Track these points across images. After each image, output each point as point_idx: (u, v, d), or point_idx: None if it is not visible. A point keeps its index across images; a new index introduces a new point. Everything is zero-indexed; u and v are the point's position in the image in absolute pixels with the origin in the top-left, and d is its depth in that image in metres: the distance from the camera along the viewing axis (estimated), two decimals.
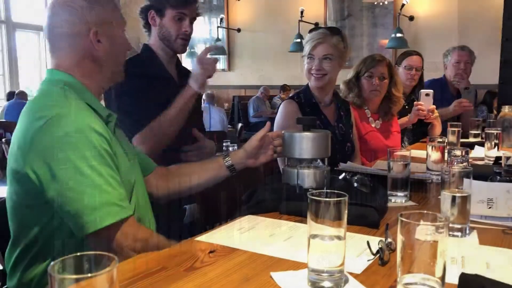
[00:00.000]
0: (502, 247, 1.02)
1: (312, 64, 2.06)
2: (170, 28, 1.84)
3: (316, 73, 2.06)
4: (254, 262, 0.94)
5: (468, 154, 1.66)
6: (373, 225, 1.15)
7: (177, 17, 1.82)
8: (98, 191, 1.05)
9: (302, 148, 1.44)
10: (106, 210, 1.05)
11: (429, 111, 2.82)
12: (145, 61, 1.87)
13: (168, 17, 1.83)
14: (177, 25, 1.83)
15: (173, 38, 1.84)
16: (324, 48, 2.04)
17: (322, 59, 2.04)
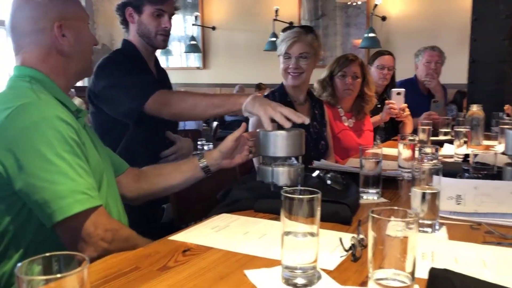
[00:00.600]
0: (470, 242, 1.05)
1: (288, 63, 2.07)
2: (149, 25, 1.82)
3: (294, 72, 2.07)
4: (228, 260, 0.94)
5: (438, 151, 1.70)
6: (346, 222, 1.17)
7: (156, 14, 1.81)
8: (65, 179, 1.03)
9: (276, 146, 1.45)
10: (74, 198, 1.03)
11: (400, 110, 2.87)
12: (129, 55, 1.85)
13: (147, 13, 1.81)
14: (156, 22, 1.82)
15: (153, 34, 1.83)
16: (300, 46, 2.06)
17: (298, 57, 2.06)
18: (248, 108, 1.48)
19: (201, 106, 1.60)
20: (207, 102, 1.60)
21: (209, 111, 1.61)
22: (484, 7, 3.59)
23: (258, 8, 7.47)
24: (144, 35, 1.83)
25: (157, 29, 1.82)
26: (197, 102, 1.61)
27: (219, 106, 1.58)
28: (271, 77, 6.92)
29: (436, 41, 4.01)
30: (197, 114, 1.65)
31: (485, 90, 3.69)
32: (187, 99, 1.63)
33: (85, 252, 1.05)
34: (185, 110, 1.64)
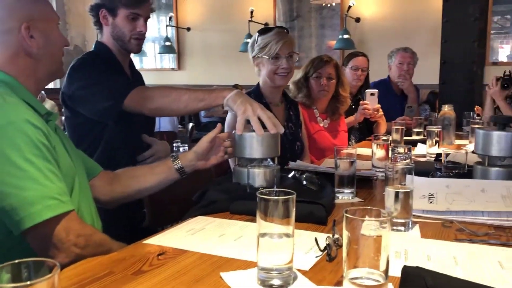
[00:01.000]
0: (442, 239, 1.07)
1: (278, 64, 2.06)
2: (123, 28, 1.78)
3: (283, 72, 2.08)
4: (204, 263, 0.93)
5: (411, 151, 1.73)
6: (321, 222, 1.18)
7: (131, 17, 1.77)
8: (34, 185, 1.01)
9: (252, 148, 1.45)
10: (43, 204, 1.01)
11: (374, 110, 2.91)
12: (103, 56, 1.81)
13: (121, 16, 1.77)
14: (131, 25, 1.78)
15: (127, 38, 1.79)
16: (288, 46, 2.07)
17: (287, 57, 2.07)
18: (230, 103, 1.48)
19: (183, 100, 1.58)
20: (190, 95, 1.58)
21: (191, 105, 1.59)
22: (454, 9, 3.68)
23: (233, 9, 7.47)
24: (118, 38, 1.80)
25: (132, 32, 1.78)
26: (180, 96, 1.59)
27: (201, 100, 1.57)
28: (247, 78, 6.92)
29: (408, 43, 4.09)
30: (179, 108, 1.62)
31: (456, 91, 3.78)
32: (169, 93, 1.61)
33: (57, 258, 1.03)
34: (167, 104, 1.61)
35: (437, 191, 1.35)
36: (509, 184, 1.33)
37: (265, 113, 1.43)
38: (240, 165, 1.52)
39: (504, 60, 6.01)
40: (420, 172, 1.42)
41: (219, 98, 1.52)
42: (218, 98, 1.52)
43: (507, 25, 6.14)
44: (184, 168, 1.44)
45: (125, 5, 1.75)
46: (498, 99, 3.21)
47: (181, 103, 1.58)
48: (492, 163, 1.50)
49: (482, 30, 3.90)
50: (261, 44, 2.07)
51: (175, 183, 1.47)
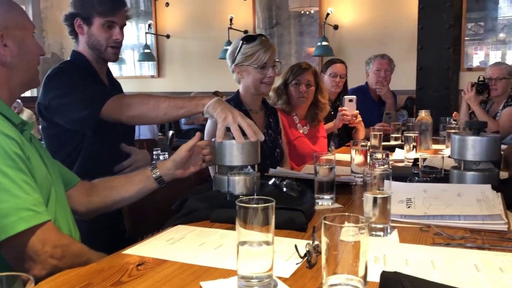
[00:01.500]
0: (420, 244, 1.09)
1: (265, 73, 2.07)
2: (99, 37, 1.76)
3: (269, 81, 2.09)
4: (184, 272, 0.93)
5: (389, 156, 1.75)
6: (301, 229, 1.18)
7: (106, 25, 1.75)
8: (8, 196, 0.99)
9: (232, 155, 1.45)
10: (18, 216, 0.99)
11: (352, 116, 2.94)
12: (80, 65, 1.79)
13: (96, 25, 1.75)
14: (106, 34, 1.76)
15: (103, 47, 1.77)
16: (273, 55, 2.09)
17: (273, 66, 2.08)
18: (210, 110, 1.47)
19: (163, 108, 1.57)
20: (169, 103, 1.57)
21: (170, 112, 1.57)
22: (429, 16, 3.76)
23: (213, 17, 7.48)
24: (94, 47, 1.78)
25: (108, 41, 1.76)
26: (159, 104, 1.57)
27: (181, 107, 1.55)
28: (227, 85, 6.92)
29: (385, 49, 4.16)
30: (158, 116, 1.60)
31: (433, 96, 3.85)
32: (147, 101, 1.59)
33: (33, 270, 1.01)
34: (146, 112, 1.59)
35: (415, 195, 1.37)
36: (484, 188, 1.36)
37: (245, 121, 1.43)
38: (220, 172, 1.52)
39: (478, 66, 6.16)
40: (398, 177, 1.44)
41: (199, 106, 1.52)
42: (198, 106, 1.52)
43: (481, 32, 6.29)
44: (163, 177, 1.43)
45: (100, 13, 1.73)
46: (473, 104, 3.28)
47: (160, 110, 1.57)
48: (468, 168, 1.52)
49: (457, 37, 3.99)
50: (248, 53, 2.05)
51: (154, 192, 1.46)
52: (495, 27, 6.14)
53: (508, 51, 6.16)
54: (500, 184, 1.49)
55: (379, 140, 2.50)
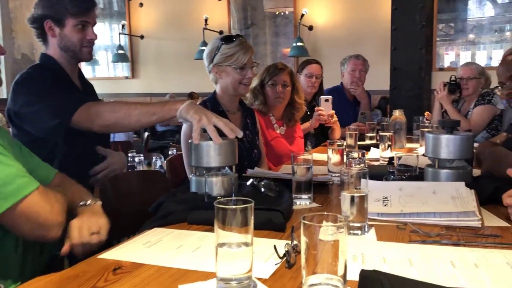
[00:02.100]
0: (397, 241, 1.10)
1: (244, 74, 2.05)
2: (73, 38, 1.72)
3: (248, 82, 2.09)
4: (162, 276, 0.91)
5: (365, 155, 1.77)
6: (280, 229, 1.18)
7: (80, 26, 1.71)
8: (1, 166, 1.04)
9: (209, 156, 1.44)
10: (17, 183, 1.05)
11: (329, 116, 2.96)
12: (50, 69, 1.74)
13: (70, 26, 1.71)
14: (80, 34, 1.72)
15: (78, 47, 1.73)
16: (252, 55, 2.08)
17: (252, 67, 2.07)
18: (183, 114, 1.46)
19: (135, 115, 1.54)
20: (141, 110, 1.55)
21: (143, 119, 1.55)
22: (402, 17, 3.82)
23: (187, 17, 7.44)
24: (68, 48, 1.74)
25: (82, 41, 1.73)
26: (130, 111, 1.55)
27: (154, 114, 1.54)
28: (203, 86, 6.89)
29: (360, 50, 4.20)
30: (131, 123, 1.58)
31: (406, 96, 3.92)
32: (119, 109, 1.57)
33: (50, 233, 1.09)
34: (117, 120, 1.57)
35: (391, 194, 1.38)
36: (458, 186, 1.38)
37: (220, 120, 1.43)
38: (197, 174, 1.51)
39: (449, 66, 6.30)
40: (374, 175, 1.45)
41: (172, 111, 1.50)
42: (171, 111, 1.51)
43: (451, 33, 6.44)
44: None
45: (73, 14, 1.69)
46: (445, 103, 3.35)
47: (132, 118, 1.55)
48: (442, 165, 1.55)
49: (429, 37, 4.07)
50: (228, 53, 2.03)
51: (130, 194, 1.43)
52: (465, 28, 6.30)
53: (478, 51, 6.32)
54: (473, 181, 1.52)
55: (354, 140, 2.52)
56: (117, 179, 1.73)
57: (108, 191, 1.64)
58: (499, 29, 6.16)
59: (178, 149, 3.55)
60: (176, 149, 3.61)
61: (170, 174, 2.17)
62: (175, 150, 3.51)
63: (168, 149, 4.07)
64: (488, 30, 6.16)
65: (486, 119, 3.25)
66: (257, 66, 2.13)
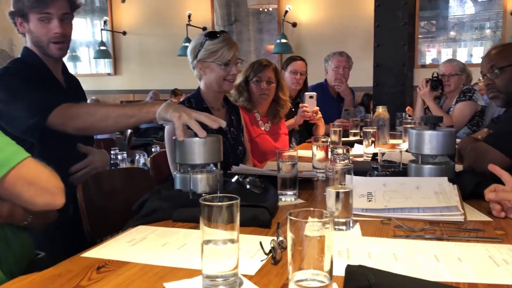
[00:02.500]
0: (381, 237, 1.11)
1: (228, 70, 2.04)
2: (38, 33, 1.65)
3: (233, 78, 2.08)
4: (146, 274, 0.90)
5: (349, 152, 1.78)
6: (265, 225, 1.18)
7: (42, 19, 1.63)
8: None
9: (194, 153, 1.43)
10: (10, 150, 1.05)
11: (313, 113, 2.97)
12: (31, 63, 1.70)
13: (33, 21, 1.64)
14: (45, 29, 1.64)
15: (45, 43, 1.66)
16: (237, 52, 2.06)
17: (236, 63, 2.06)
18: (162, 114, 1.45)
19: (112, 118, 1.52)
20: (119, 112, 1.52)
21: (120, 122, 1.54)
22: (385, 14, 3.85)
23: (170, 13, 7.38)
24: (37, 45, 1.68)
25: (48, 36, 1.65)
26: (108, 114, 1.53)
27: (131, 116, 1.52)
28: (186, 83, 6.85)
29: (343, 47, 4.22)
30: (108, 126, 1.57)
31: (389, 92, 3.95)
32: (96, 111, 1.54)
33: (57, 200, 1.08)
34: (95, 123, 1.55)
35: (375, 189, 1.39)
36: (441, 181, 1.40)
37: (200, 114, 1.42)
38: (182, 171, 1.49)
39: (431, 63, 6.37)
40: (358, 171, 1.46)
41: (150, 113, 1.49)
42: (149, 113, 1.49)
43: (433, 30, 6.51)
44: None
45: (31, 7, 1.62)
46: (427, 100, 3.39)
47: (110, 120, 1.53)
48: (425, 161, 1.57)
49: (411, 35, 4.11)
50: (212, 49, 2.01)
51: (114, 192, 1.41)
52: (446, 25, 6.38)
53: (459, 49, 6.41)
54: (455, 176, 1.54)
55: (338, 136, 2.54)
56: (100, 176, 1.70)
57: (91, 189, 1.62)
58: (479, 26, 6.25)
59: (161, 146, 3.53)
60: (160, 146, 3.58)
61: (154, 172, 2.15)
62: (158, 147, 3.48)
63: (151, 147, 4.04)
64: (469, 27, 6.26)
65: (468, 115, 3.29)
66: (241, 63, 2.12)
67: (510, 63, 1.89)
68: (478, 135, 2.23)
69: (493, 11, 6.16)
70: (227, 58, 2.01)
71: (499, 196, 1.22)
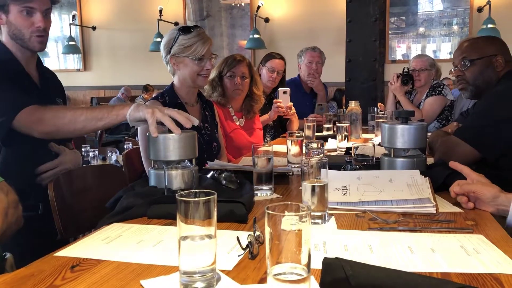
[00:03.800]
0: (356, 229, 1.12)
1: (202, 65, 2.02)
2: (19, 26, 1.62)
3: (206, 73, 2.05)
4: (122, 272, 0.89)
5: (323, 146, 1.79)
6: (242, 220, 1.18)
7: (24, 12, 1.61)
8: None
9: (168, 149, 1.41)
10: None
11: (287, 108, 2.98)
12: (1, 59, 1.64)
13: (14, 13, 1.61)
14: (27, 21, 1.62)
15: (27, 36, 1.63)
16: (211, 47, 2.04)
17: (209, 59, 2.04)
18: (133, 114, 1.42)
19: (80, 121, 1.50)
20: (87, 115, 1.50)
21: (89, 125, 1.51)
22: (356, 10, 3.89)
23: (141, 8, 7.27)
24: (16, 37, 1.64)
25: (31, 29, 1.63)
26: (76, 117, 1.50)
27: (100, 119, 1.49)
28: (158, 78, 6.78)
29: (316, 42, 4.25)
30: (76, 130, 1.54)
31: (361, 87, 4.00)
32: (64, 115, 1.51)
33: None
34: (62, 127, 1.52)
35: (349, 183, 1.41)
36: (413, 173, 1.42)
37: (174, 110, 1.41)
38: (156, 167, 1.48)
39: (401, 59, 6.49)
40: (332, 165, 1.47)
41: (120, 116, 1.47)
42: (119, 116, 1.47)
43: (403, 26, 6.63)
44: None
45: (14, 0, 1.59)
46: (399, 94, 3.45)
47: (78, 124, 1.50)
48: (398, 155, 1.60)
49: (382, 30, 4.17)
50: (185, 44, 1.99)
51: (85, 190, 1.38)
52: (415, 21, 6.50)
53: (428, 44, 6.55)
54: (427, 169, 1.57)
55: (312, 131, 2.56)
56: (72, 174, 1.66)
57: (63, 187, 1.58)
58: (447, 22, 6.40)
59: (133, 143, 3.48)
60: (132, 143, 3.53)
61: (127, 168, 2.12)
62: (130, 144, 3.43)
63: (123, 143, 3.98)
64: (437, 23, 6.40)
65: (438, 109, 3.37)
66: (215, 58, 2.11)
67: (481, 56, 1.94)
68: (448, 128, 2.29)
69: (460, 7, 6.32)
70: (201, 53, 2.00)
71: (463, 188, 1.27)
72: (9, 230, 1.07)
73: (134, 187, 1.45)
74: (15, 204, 1.15)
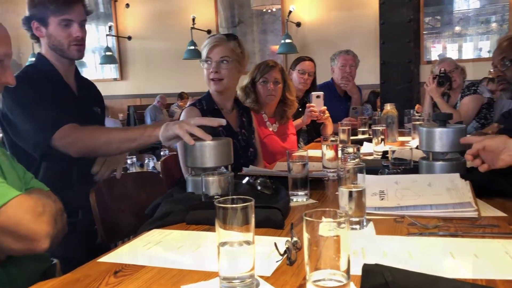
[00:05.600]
0: (395, 235, 1.11)
1: (210, 68, 2.05)
2: (58, 37, 1.71)
3: (214, 76, 2.06)
4: (163, 277, 0.91)
5: (359, 150, 1.78)
6: (278, 226, 1.18)
7: (63, 24, 1.70)
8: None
9: (204, 156, 1.43)
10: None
11: (320, 112, 2.97)
12: (42, 70, 1.74)
13: (53, 25, 1.70)
14: (65, 32, 1.71)
15: (66, 46, 1.72)
16: (221, 50, 2.05)
17: (219, 62, 2.04)
18: (165, 134, 1.46)
19: (115, 142, 1.55)
20: (121, 137, 1.55)
21: (123, 146, 1.56)
22: (389, 12, 3.84)
23: (174, 17, 7.40)
24: (56, 48, 1.73)
25: (69, 39, 1.71)
26: (111, 139, 1.55)
27: (134, 140, 1.54)
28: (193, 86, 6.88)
29: (349, 45, 4.21)
30: (111, 150, 1.60)
31: (396, 89, 3.94)
32: (99, 136, 1.57)
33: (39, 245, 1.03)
34: (97, 149, 1.58)
35: (387, 187, 1.39)
36: (453, 177, 1.39)
37: (198, 119, 1.46)
38: (193, 174, 1.50)
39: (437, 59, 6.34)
40: (369, 170, 1.45)
41: (152, 137, 1.51)
42: (151, 137, 1.51)
43: (438, 26, 6.48)
44: None
45: (54, 12, 1.68)
46: (435, 96, 3.37)
47: (112, 145, 1.56)
48: (436, 158, 1.56)
49: (416, 31, 4.10)
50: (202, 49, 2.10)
51: (126, 197, 1.42)
52: (451, 20, 6.34)
53: (464, 44, 6.37)
54: (467, 172, 1.53)
55: (347, 135, 2.53)
56: (112, 181, 1.72)
57: (104, 194, 1.63)
58: (485, 20, 6.22)
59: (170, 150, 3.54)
60: (168, 149, 3.60)
61: (165, 175, 2.16)
62: (167, 151, 3.50)
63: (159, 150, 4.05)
64: (474, 22, 6.22)
65: (475, 109, 3.28)
66: (228, 62, 2.06)
67: None
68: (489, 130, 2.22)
69: (498, 4, 6.12)
70: (205, 54, 2.06)
71: (474, 147, 1.32)
72: (57, 237, 1.11)
73: (173, 193, 1.48)
74: (62, 212, 1.19)
